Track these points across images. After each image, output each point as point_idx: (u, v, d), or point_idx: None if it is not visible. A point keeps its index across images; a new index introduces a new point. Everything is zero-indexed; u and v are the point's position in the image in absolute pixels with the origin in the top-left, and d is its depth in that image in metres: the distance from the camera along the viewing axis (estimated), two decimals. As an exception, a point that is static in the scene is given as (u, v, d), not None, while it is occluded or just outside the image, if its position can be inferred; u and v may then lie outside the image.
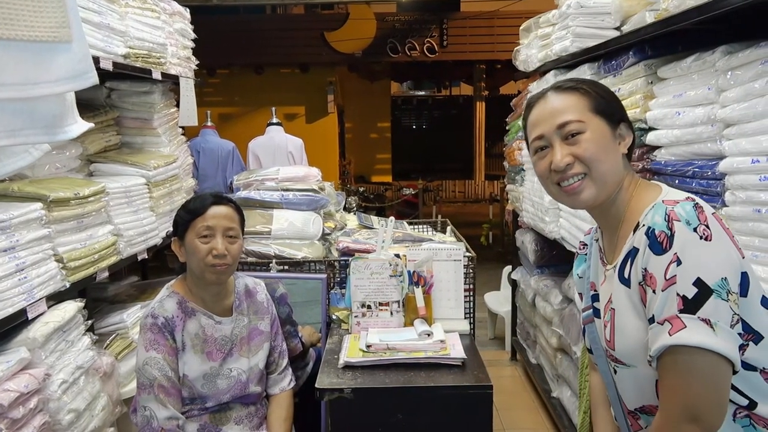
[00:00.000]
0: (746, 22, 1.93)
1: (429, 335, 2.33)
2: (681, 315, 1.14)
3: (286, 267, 2.90)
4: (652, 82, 2.35)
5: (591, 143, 1.31)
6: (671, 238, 1.17)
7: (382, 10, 11.12)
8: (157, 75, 3.20)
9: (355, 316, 2.53)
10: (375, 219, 3.72)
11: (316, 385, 2.07)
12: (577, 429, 3.19)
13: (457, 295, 2.64)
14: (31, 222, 2.13)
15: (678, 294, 1.15)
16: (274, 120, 6.07)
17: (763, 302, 1.23)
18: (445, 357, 2.19)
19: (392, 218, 2.91)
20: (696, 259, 1.15)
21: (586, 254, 1.56)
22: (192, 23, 3.93)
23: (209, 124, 5.79)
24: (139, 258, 2.96)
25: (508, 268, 5.22)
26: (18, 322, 2.01)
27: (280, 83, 11.57)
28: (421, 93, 18.32)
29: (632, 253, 1.26)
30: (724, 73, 1.84)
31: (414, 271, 2.54)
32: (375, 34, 10.97)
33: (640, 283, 1.24)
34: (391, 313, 2.52)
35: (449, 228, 3.70)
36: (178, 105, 3.67)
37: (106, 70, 2.63)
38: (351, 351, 2.27)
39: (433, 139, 17.47)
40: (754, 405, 1.22)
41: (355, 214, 3.95)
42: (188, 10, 3.88)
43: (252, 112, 11.07)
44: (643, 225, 1.24)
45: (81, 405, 2.18)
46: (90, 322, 2.40)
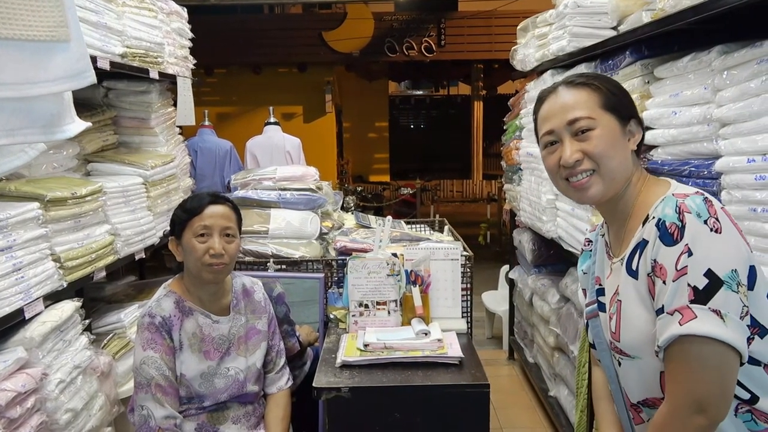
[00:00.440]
0: (742, 22, 1.93)
1: (426, 334, 2.33)
2: (692, 305, 1.15)
3: (283, 266, 2.91)
4: (648, 82, 2.35)
5: (601, 140, 1.33)
6: (682, 229, 1.18)
7: (379, 9, 11.12)
8: (154, 74, 3.20)
9: (353, 316, 2.53)
10: (372, 218, 3.72)
11: (314, 383, 2.07)
12: (574, 428, 3.20)
13: (454, 294, 2.64)
14: (28, 221, 2.13)
15: (689, 284, 1.16)
16: (272, 119, 6.06)
17: None
18: (442, 356, 2.19)
19: (389, 217, 2.92)
20: (707, 250, 1.16)
21: (590, 250, 1.57)
22: (189, 22, 3.93)
23: (207, 123, 5.78)
24: (137, 257, 2.96)
25: (505, 268, 5.23)
26: (15, 321, 2.01)
27: (278, 83, 11.57)
28: (419, 92, 18.33)
29: (641, 245, 1.27)
30: (720, 73, 1.84)
31: (411, 271, 2.55)
32: (373, 33, 10.97)
33: (648, 274, 1.24)
34: (389, 313, 2.53)
35: (447, 227, 3.70)
36: (175, 104, 3.67)
37: (103, 70, 2.63)
38: (348, 350, 2.27)
39: (431, 139, 17.47)
40: (756, 399, 1.23)
41: (352, 213, 3.96)
42: (186, 10, 3.88)
43: (250, 111, 11.07)
44: (653, 217, 1.25)
45: (78, 404, 2.18)
46: (87, 321, 2.40)
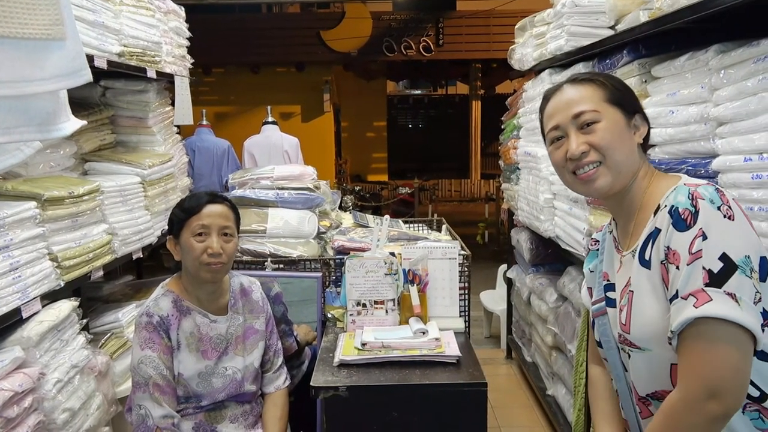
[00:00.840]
0: (739, 21, 1.94)
1: (424, 333, 2.33)
2: (707, 288, 1.15)
3: (281, 265, 2.91)
4: (646, 81, 2.35)
5: (606, 132, 1.35)
6: (696, 214, 1.19)
7: (377, 9, 11.12)
8: (151, 73, 3.20)
9: (351, 315, 2.54)
10: (370, 217, 3.72)
11: (311, 382, 2.07)
12: (572, 426, 3.20)
13: (452, 293, 2.64)
14: (26, 221, 2.12)
15: (704, 268, 1.16)
16: (270, 119, 6.07)
17: None
18: (440, 355, 2.19)
19: (387, 217, 2.92)
20: (721, 234, 1.17)
21: (597, 249, 1.57)
22: (187, 22, 3.92)
23: (205, 122, 5.78)
24: (134, 257, 2.96)
25: (503, 267, 5.23)
26: (12, 321, 2.01)
27: (276, 82, 11.57)
28: (417, 92, 18.32)
29: (653, 234, 1.28)
30: (717, 72, 1.85)
31: (409, 270, 2.55)
32: (371, 33, 10.97)
33: (662, 261, 1.24)
34: (387, 312, 2.53)
35: (444, 226, 3.71)
36: (173, 104, 3.67)
37: (100, 69, 2.63)
38: (346, 349, 2.27)
39: (429, 138, 17.47)
40: (765, 397, 1.22)
41: (350, 213, 3.96)
42: (183, 9, 3.88)
43: (248, 111, 11.07)
44: (665, 206, 1.25)
45: (76, 404, 2.18)
46: (85, 321, 2.40)
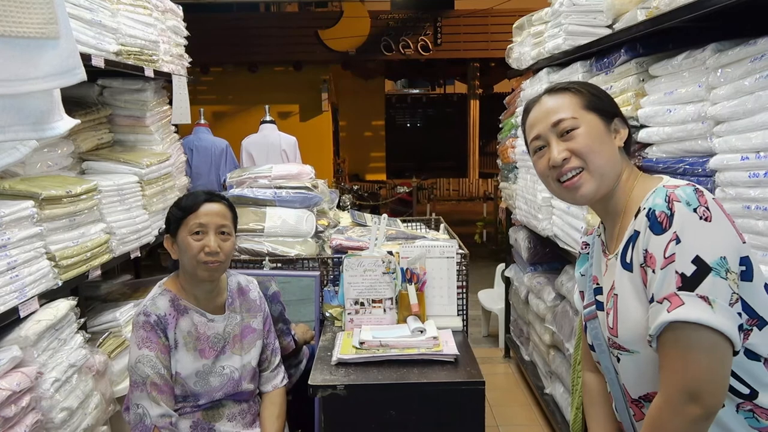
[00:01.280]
0: (736, 20, 1.94)
1: (422, 332, 2.33)
2: (679, 292, 1.16)
3: (279, 264, 2.91)
4: (643, 80, 2.36)
5: (585, 137, 1.37)
6: (671, 217, 1.20)
7: (375, 8, 11.11)
8: (149, 72, 3.20)
9: (348, 314, 2.54)
10: (368, 216, 3.72)
11: (309, 381, 2.07)
12: (570, 425, 3.20)
13: (450, 292, 2.64)
14: (23, 220, 2.12)
15: (677, 272, 1.16)
16: (268, 118, 6.06)
17: (767, 288, 1.25)
18: (437, 353, 2.19)
19: (385, 215, 2.92)
20: (695, 237, 1.17)
21: (587, 253, 1.58)
22: (185, 21, 3.92)
23: (202, 122, 5.78)
24: (132, 256, 2.95)
25: (501, 266, 5.23)
26: (10, 320, 2.00)
27: (274, 81, 11.56)
28: (415, 91, 18.32)
29: (634, 237, 1.29)
30: (715, 71, 1.85)
31: (407, 268, 2.55)
32: (369, 32, 10.96)
33: (641, 265, 1.25)
34: (384, 310, 2.53)
35: (442, 225, 3.71)
36: (170, 103, 3.67)
37: (97, 68, 2.63)
38: (344, 348, 2.27)
39: (427, 138, 17.47)
40: (755, 395, 1.23)
41: (348, 211, 3.96)
42: (181, 8, 3.87)
43: (245, 110, 11.06)
44: (644, 208, 1.26)
45: (74, 403, 2.18)
46: (82, 320, 2.40)
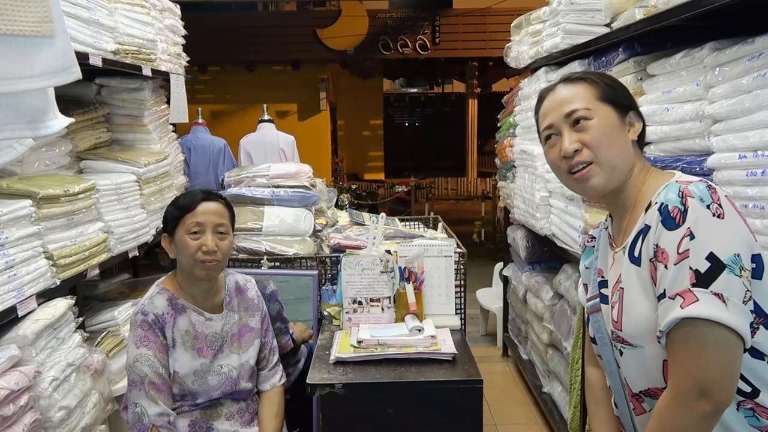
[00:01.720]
0: (734, 19, 1.94)
1: (420, 331, 2.33)
2: (693, 289, 1.15)
3: (277, 263, 2.91)
4: (641, 79, 2.36)
5: (598, 129, 1.35)
6: (684, 213, 1.19)
7: (374, 7, 11.10)
8: (147, 71, 3.19)
9: (347, 312, 2.54)
10: (366, 215, 3.72)
11: (307, 380, 2.07)
12: (568, 423, 3.21)
13: (447, 291, 2.64)
14: (21, 219, 2.12)
15: (691, 268, 1.16)
16: (266, 117, 6.06)
17: None
18: (435, 352, 2.20)
19: (383, 214, 2.92)
20: (709, 234, 1.17)
21: (593, 246, 1.58)
22: (183, 20, 3.91)
23: (200, 121, 5.77)
24: (130, 255, 2.95)
25: (499, 265, 5.24)
26: (8, 319, 2.00)
27: (272, 80, 11.54)
28: (414, 90, 18.31)
29: (644, 231, 1.28)
30: (712, 70, 1.85)
31: (405, 267, 2.55)
32: (367, 31, 10.95)
33: (651, 259, 1.25)
34: (382, 309, 2.53)
35: (440, 224, 3.71)
36: (168, 102, 3.66)
37: (95, 67, 2.62)
38: (342, 347, 2.28)
39: (426, 137, 17.46)
40: (757, 393, 1.23)
41: (346, 210, 3.96)
42: (179, 7, 3.87)
43: (244, 109, 11.04)
44: (656, 203, 1.26)
45: (72, 402, 2.17)
46: (81, 319, 2.39)
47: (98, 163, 2.98)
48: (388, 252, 2.59)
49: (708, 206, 1.18)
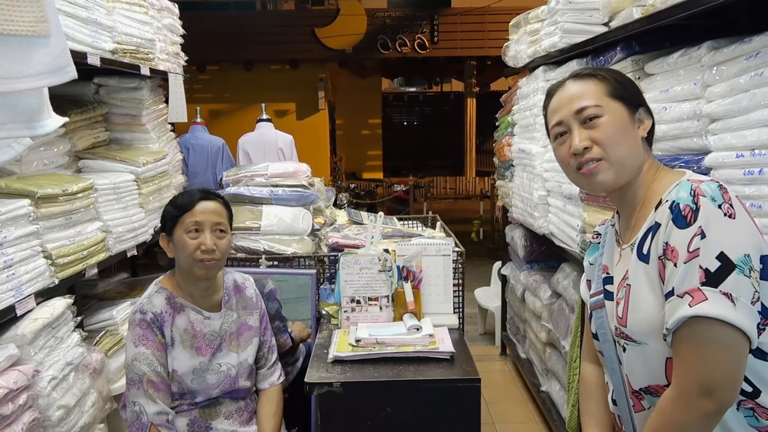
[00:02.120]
0: (731, 18, 1.95)
1: (418, 329, 2.34)
2: (702, 288, 1.15)
3: (275, 263, 2.91)
4: (639, 78, 2.36)
5: (608, 127, 1.35)
6: (696, 212, 1.19)
7: (372, 6, 11.11)
8: (145, 71, 3.19)
9: (345, 311, 2.54)
10: (364, 215, 3.73)
11: (306, 379, 2.07)
12: (566, 422, 3.21)
13: (446, 289, 2.65)
14: (19, 218, 2.12)
15: (701, 266, 1.16)
16: (264, 116, 6.06)
17: None
18: (433, 351, 2.20)
19: (381, 213, 2.92)
20: (720, 233, 1.17)
21: (599, 243, 1.57)
22: (181, 19, 3.92)
23: (199, 120, 5.77)
24: (128, 255, 2.95)
25: (498, 264, 5.24)
26: (7, 318, 2.00)
27: (271, 80, 11.54)
28: (412, 89, 18.31)
29: (653, 228, 1.28)
30: (710, 69, 1.86)
31: (403, 266, 2.55)
32: (365, 30, 10.95)
33: (660, 257, 1.25)
34: (381, 308, 2.53)
35: (439, 223, 3.71)
36: (167, 101, 3.66)
37: (93, 66, 2.62)
38: (340, 345, 2.28)
39: (424, 136, 17.47)
40: (758, 394, 1.23)
41: (345, 210, 3.96)
42: (177, 6, 3.87)
43: (242, 108, 11.04)
44: (667, 200, 1.25)
45: (71, 401, 2.18)
46: (79, 318, 2.40)
47: (96, 163, 2.99)
48: (387, 251, 2.59)
49: (719, 206, 1.18)
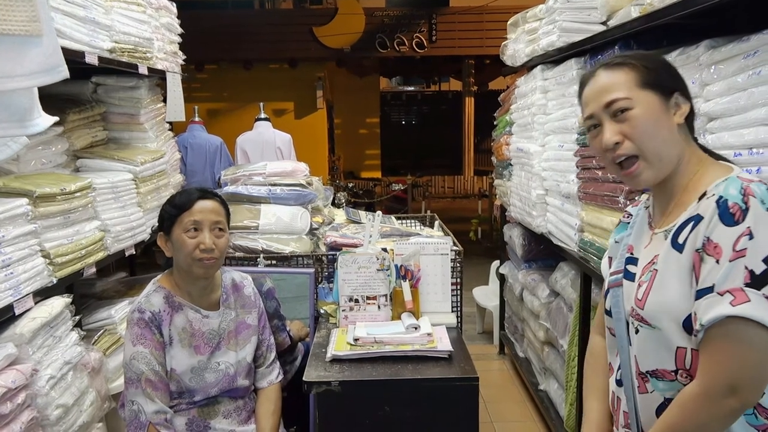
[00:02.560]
0: (729, 17, 1.95)
1: (416, 328, 2.34)
2: (746, 288, 1.15)
3: (273, 261, 2.91)
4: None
5: (639, 119, 1.31)
6: (745, 211, 1.17)
7: (370, 5, 11.12)
8: (143, 70, 3.19)
9: (343, 310, 2.54)
10: (363, 214, 3.73)
11: (304, 378, 2.07)
12: (564, 421, 3.22)
13: (444, 288, 2.65)
14: (17, 217, 2.12)
15: (746, 267, 1.15)
16: (262, 115, 6.05)
17: None
18: (431, 350, 2.20)
19: (379, 212, 2.92)
20: (767, 236, 1.16)
21: (628, 222, 1.55)
22: (179, 18, 3.91)
23: (197, 119, 5.77)
24: (127, 254, 2.95)
25: (496, 263, 5.24)
26: (5, 318, 2.00)
27: (269, 79, 11.54)
28: (410, 88, 18.33)
29: (694, 220, 1.25)
30: (708, 68, 1.86)
31: (401, 265, 2.56)
32: (364, 29, 10.96)
33: (697, 249, 1.23)
34: (379, 307, 2.54)
35: (437, 222, 3.71)
36: (165, 100, 3.66)
37: (91, 65, 2.62)
38: (338, 344, 2.28)
39: (423, 135, 17.49)
40: (762, 394, 1.23)
41: (343, 209, 3.96)
42: (175, 5, 3.86)
43: (240, 107, 11.04)
44: (714, 194, 1.23)
45: (69, 400, 2.17)
46: (78, 317, 2.39)
47: (95, 162, 2.98)
48: (385, 250, 2.60)
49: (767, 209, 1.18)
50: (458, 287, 2.74)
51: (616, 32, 2.45)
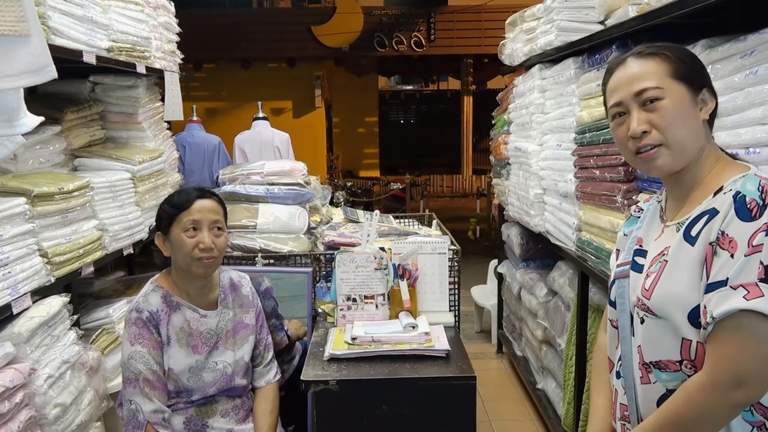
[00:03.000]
0: (726, 16, 1.95)
1: (414, 327, 2.34)
2: (761, 284, 1.15)
3: (271, 261, 2.91)
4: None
5: (669, 110, 1.31)
6: (763, 207, 1.18)
7: (369, 3, 11.12)
8: (141, 69, 3.19)
9: (341, 309, 2.54)
10: (360, 213, 3.73)
11: (302, 377, 2.08)
12: (561, 419, 3.23)
13: (441, 287, 2.65)
14: (15, 217, 2.12)
15: (762, 263, 1.16)
16: (261, 114, 6.05)
17: None
18: (429, 349, 2.20)
19: (377, 212, 2.92)
20: None
21: (638, 216, 1.55)
22: (177, 17, 3.91)
23: (195, 118, 5.76)
24: (125, 253, 2.95)
25: (494, 262, 5.25)
26: (3, 317, 2.00)
27: (267, 78, 11.54)
28: (409, 87, 18.32)
29: (709, 214, 1.26)
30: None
31: (399, 264, 2.56)
32: (362, 28, 10.96)
33: (711, 243, 1.23)
34: (377, 306, 2.54)
35: (435, 222, 3.72)
36: (163, 99, 3.66)
37: (89, 64, 2.62)
38: (336, 343, 2.28)
39: (421, 134, 17.49)
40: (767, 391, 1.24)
41: (341, 208, 3.96)
42: (172, 4, 3.86)
43: (238, 106, 11.03)
44: (731, 190, 1.24)
45: (67, 399, 2.17)
46: (76, 317, 2.39)
47: (92, 161, 2.98)
48: (383, 249, 2.60)
49: None
50: (456, 286, 2.74)
51: (614, 31, 2.46)
